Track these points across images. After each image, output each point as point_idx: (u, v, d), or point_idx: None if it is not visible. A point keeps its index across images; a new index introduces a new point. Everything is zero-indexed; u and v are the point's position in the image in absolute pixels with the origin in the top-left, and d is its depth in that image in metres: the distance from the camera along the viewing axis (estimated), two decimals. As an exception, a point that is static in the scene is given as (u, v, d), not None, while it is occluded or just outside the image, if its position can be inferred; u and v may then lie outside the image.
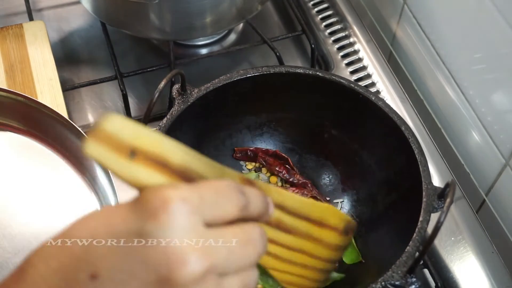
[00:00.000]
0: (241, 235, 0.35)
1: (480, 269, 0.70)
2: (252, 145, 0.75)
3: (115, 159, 0.33)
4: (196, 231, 0.33)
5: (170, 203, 0.32)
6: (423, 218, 0.57)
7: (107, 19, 0.84)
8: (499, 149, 0.74)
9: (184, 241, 0.32)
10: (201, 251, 0.32)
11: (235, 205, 0.35)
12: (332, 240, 0.46)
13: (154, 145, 0.33)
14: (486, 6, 0.69)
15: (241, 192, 0.35)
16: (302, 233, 0.43)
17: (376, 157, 0.69)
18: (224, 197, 0.34)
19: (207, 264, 0.32)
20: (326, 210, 0.45)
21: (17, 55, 0.80)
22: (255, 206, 0.36)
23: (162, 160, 0.34)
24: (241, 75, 0.68)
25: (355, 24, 0.94)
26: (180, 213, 0.32)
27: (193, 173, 0.35)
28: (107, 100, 0.85)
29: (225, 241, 0.34)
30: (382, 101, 0.67)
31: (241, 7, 0.82)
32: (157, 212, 0.32)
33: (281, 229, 0.41)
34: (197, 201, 0.33)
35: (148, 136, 0.33)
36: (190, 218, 0.32)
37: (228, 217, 0.34)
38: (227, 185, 0.35)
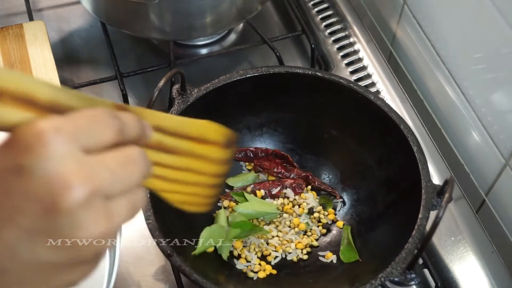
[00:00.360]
0: (121, 156, 0.35)
1: (480, 269, 0.70)
2: (252, 145, 0.75)
3: None
4: (75, 158, 0.32)
5: (44, 134, 0.32)
6: (422, 215, 0.58)
7: (107, 19, 0.84)
8: (499, 149, 0.74)
9: (63, 168, 0.32)
10: (83, 175, 0.32)
11: (111, 129, 0.34)
12: (215, 155, 0.46)
13: (18, 84, 0.33)
14: (486, 6, 0.69)
15: (115, 117, 0.35)
16: (185, 152, 0.43)
17: (376, 157, 0.69)
18: (99, 122, 0.34)
19: (90, 187, 0.32)
20: (205, 126, 0.45)
21: (17, 55, 0.80)
22: (131, 129, 0.36)
23: (29, 98, 0.33)
24: (241, 75, 0.68)
25: (355, 24, 0.94)
26: (55, 142, 0.32)
27: (62, 107, 0.34)
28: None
29: (106, 164, 0.34)
30: (381, 101, 0.67)
31: (241, 7, 0.82)
32: (32, 145, 0.32)
33: (164, 150, 0.41)
34: (71, 129, 0.33)
35: (10, 76, 0.33)
36: (67, 145, 0.32)
37: (105, 142, 0.34)
38: (100, 112, 0.35)
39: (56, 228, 0.33)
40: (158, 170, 0.41)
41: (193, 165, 0.45)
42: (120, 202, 0.35)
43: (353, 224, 0.69)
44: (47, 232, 0.33)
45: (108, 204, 0.34)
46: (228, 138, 0.47)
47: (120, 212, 0.35)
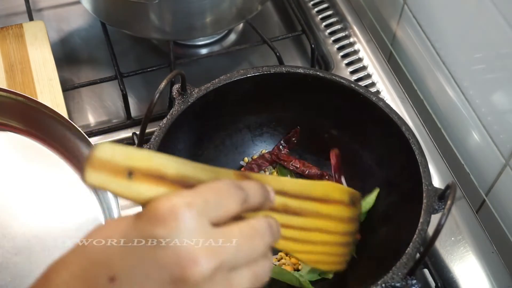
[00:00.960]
0: (247, 229, 0.37)
1: (480, 269, 0.70)
2: (252, 145, 0.75)
3: (115, 182, 0.35)
4: (203, 232, 0.35)
5: (177, 209, 0.34)
6: (423, 220, 0.57)
7: (107, 19, 0.84)
8: (499, 149, 0.74)
9: (193, 242, 0.34)
10: (210, 250, 0.34)
11: (236, 200, 0.37)
12: (341, 214, 0.48)
13: (148, 161, 0.36)
14: (486, 6, 0.69)
15: (239, 187, 0.37)
16: (311, 213, 0.45)
17: (376, 157, 0.69)
18: (225, 195, 0.36)
19: (216, 262, 0.34)
20: (327, 187, 0.47)
21: (17, 55, 0.80)
22: (255, 197, 0.38)
23: (158, 174, 0.36)
24: (241, 75, 0.68)
25: (355, 24, 0.94)
26: (187, 216, 0.34)
27: (189, 180, 0.37)
28: (107, 100, 0.85)
29: (232, 237, 0.36)
30: (382, 101, 0.66)
31: (241, 7, 0.82)
32: (165, 218, 0.34)
33: (290, 213, 0.43)
34: (201, 204, 0.35)
35: (140, 155, 0.36)
36: (197, 220, 0.35)
37: (231, 213, 0.37)
38: (225, 183, 0.37)
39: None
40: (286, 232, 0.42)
41: (320, 225, 0.46)
42: (243, 273, 0.37)
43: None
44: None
45: (231, 276, 0.36)
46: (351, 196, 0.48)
47: (242, 283, 0.37)
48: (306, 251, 0.46)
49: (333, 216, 0.47)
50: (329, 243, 0.48)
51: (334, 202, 0.47)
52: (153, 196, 0.36)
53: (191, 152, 0.70)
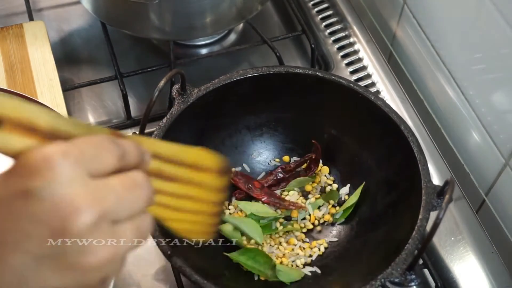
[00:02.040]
0: (126, 180, 0.35)
1: (480, 269, 0.70)
2: (251, 145, 0.74)
3: None
4: (82, 182, 0.33)
5: (52, 158, 0.32)
6: (422, 216, 0.57)
7: (107, 19, 0.84)
8: (499, 149, 0.74)
9: (72, 192, 0.32)
10: (90, 199, 0.32)
11: (114, 155, 0.35)
12: (212, 182, 0.47)
13: (19, 111, 0.33)
14: (486, 6, 0.69)
15: (116, 143, 0.36)
16: (183, 179, 0.44)
17: (376, 157, 0.69)
18: (102, 148, 0.35)
19: (98, 211, 0.33)
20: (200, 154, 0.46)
21: (17, 55, 0.80)
22: (132, 155, 0.37)
23: (30, 125, 0.34)
24: (241, 75, 0.68)
25: (355, 24, 0.94)
26: (63, 166, 0.32)
27: (62, 133, 0.35)
28: (107, 100, 0.85)
29: (112, 187, 0.34)
30: (381, 101, 0.67)
31: (241, 7, 0.82)
32: (40, 168, 0.32)
33: (163, 178, 0.42)
34: (78, 154, 0.33)
35: (11, 103, 0.33)
36: (74, 170, 0.33)
37: (109, 167, 0.35)
38: (103, 138, 0.35)
39: (64, 253, 0.33)
40: (160, 197, 0.41)
41: (192, 193, 0.46)
42: (126, 225, 0.35)
43: (353, 224, 0.69)
44: (55, 257, 0.33)
45: (115, 229, 0.34)
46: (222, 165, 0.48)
47: (126, 236, 0.35)
48: (177, 219, 0.45)
49: (204, 184, 0.47)
50: (199, 212, 0.48)
51: (206, 170, 0.46)
52: (24, 147, 0.33)
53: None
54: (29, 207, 0.32)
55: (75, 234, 0.32)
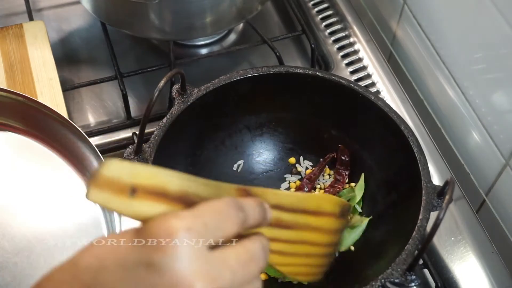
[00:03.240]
0: (243, 254, 0.37)
1: (480, 269, 0.70)
2: (252, 145, 0.75)
3: (117, 200, 0.35)
4: (201, 258, 0.34)
5: (175, 233, 0.34)
6: (422, 216, 0.57)
7: (107, 19, 0.84)
8: (499, 149, 0.74)
9: (190, 268, 0.34)
10: (207, 277, 0.34)
11: (235, 222, 0.36)
12: (330, 226, 0.48)
13: (151, 178, 0.35)
14: (486, 6, 0.69)
15: (238, 208, 0.37)
16: (301, 226, 0.44)
17: (376, 157, 0.69)
18: (224, 217, 0.36)
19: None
20: (322, 200, 0.46)
21: (17, 55, 0.80)
22: (254, 217, 0.38)
23: (161, 191, 0.35)
24: (241, 75, 0.68)
25: (355, 24, 0.94)
26: (185, 242, 0.34)
27: (191, 196, 0.36)
28: (107, 100, 0.85)
29: (229, 263, 0.35)
30: (381, 101, 0.67)
31: (241, 7, 0.82)
32: (163, 242, 0.34)
33: (281, 227, 0.42)
34: (200, 228, 0.35)
35: (144, 172, 0.35)
36: (195, 246, 0.34)
37: (230, 235, 0.36)
38: (225, 204, 0.36)
39: None
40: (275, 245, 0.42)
41: (308, 237, 0.46)
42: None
43: (353, 224, 0.69)
44: None
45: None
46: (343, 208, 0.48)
47: None
48: (289, 263, 0.45)
49: (322, 229, 0.47)
50: (312, 254, 0.48)
51: (325, 214, 0.47)
52: (154, 214, 0.35)
53: (190, 152, 0.70)
54: (150, 278, 0.34)
55: None
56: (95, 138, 0.79)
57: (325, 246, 0.49)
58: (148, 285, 0.34)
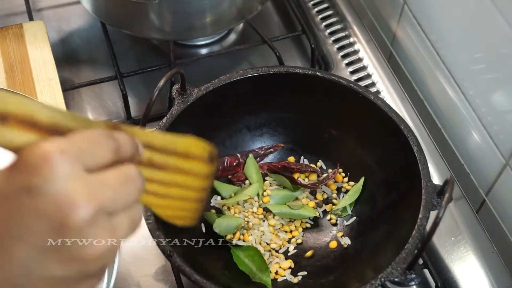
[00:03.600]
0: (120, 174, 0.37)
1: (480, 269, 0.70)
2: (251, 145, 0.75)
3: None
4: (79, 177, 0.34)
5: (50, 156, 0.34)
6: (422, 216, 0.58)
7: (107, 19, 0.84)
8: (499, 149, 0.74)
9: (70, 187, 0.34)
10: (88, 194, 0.34)
11: (109, 150, 0.37)
12: (200, 170, 0.48)
13: (20, 107, 0.35)
14: (486, 6, 0.69)
15: (111, 137, 0.37)
16: (173, 168, 0.45)
17: (376, 157, 0.69)
18: (98, 143, 0.36)
19: (96, 205, 0.34)
20: (190, 142, 0.47)
21: (17, 55, 0.80)
22: (126, 148, 0.38)
23: (31, 120, 0.35)
24: (241, 75, 0.68)
25: (355, 24, 0.94)
26: (61, 163, 0.34)
27: (62, 128, 0.36)
28: (107, 100, 0.85)
29: (107, 182, 0.36)
30: (381, 101, 0.67)
31: (241, 7, 0.82)
32: (39, 166, 0.34)
33: (154, 167, 0.43)
34: (74, 150, 0.35)
35: (14, 99, 0.35)
36: (72, 166, 0.34)
37: (105, 161, 0.37)
38: (98, 133, 0.37)
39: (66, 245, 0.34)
40: (149, 185, 0.43)
41: (180, 180, 0.47)
42: (121, 218, 0.37)
43: (353, 224, 0.69)
44: (58, 249, 0.35)
45: (111, 220, 0.36)
46: (210, 153, 0.49)
47: (122, 227, 0.37)
48: (165, 205, 0.47)
49: (193, 172, 0.48)
50: (186, 198, 0.49)
51: (194, 158, 0.47)
52: (25, 142, 0.35)
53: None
54: (31, 203, 0.34)
55: (74, 227, 0.34)
56: (95, 138, 0.79)
57: (197, 191, 0.50)
58: (30, 210, 0.34)
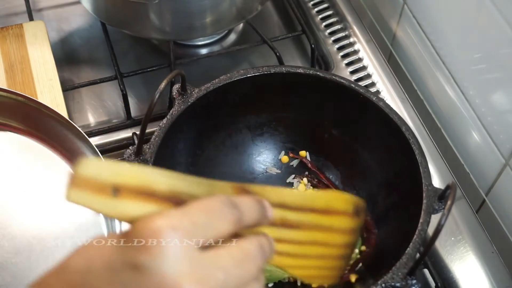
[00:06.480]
0: (237, 253, 0.35)
1: (480, 269, 0.70)
2: (252, 145, 0.75)
3: (98, 200, 0.33)
4: (190, 259, 0.33)
5: (161, 233, 0.32)
6: (423, 220, 0.57)
7: (107, 19, 0.84)
8: (499, 149, 0.74)
9: (177, 270, 0.32)
10: (196, 278, 0.32)
11: (229, 221, 0.34)
12: (344, 225, 0.45)
13: (136, 178, 0.33)
14: (486, 6, 0.69)
15: (233, 205, 0.35)
16: (310, 226, 0.42)
17: (377, 158, 0.69)
18: (216, 215, 0.34)
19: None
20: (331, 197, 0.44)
21: (17, 55, 0.80)
22: (251, 215, 0.36)
23: (148, 190, 0.34)
24: (241, 75, 0.68)
25: (355, 24, 0.94)
26: (172, 241, 0.32)
27: (182, 195, 0.35)
28: (107, 100, 0.85)
29: (220, 263, 0.34)
30: (382, 102, 0.67)
31: (241, 7, 0.82)
32: (149, 243, 0.32)
33: (288, 227, 0.40)
34: (188, 226, 0.33)
35: (128, 171, 0.33)
36: (183, 245, 0.32)
37: (223, 235, 0.34)
38: (218, 201, 0.34)
39: None
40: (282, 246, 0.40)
41: (320, 238, 0.43)
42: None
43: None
44: None
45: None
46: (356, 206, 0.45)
47: None
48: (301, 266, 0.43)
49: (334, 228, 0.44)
50: (326, 256, 0.45)
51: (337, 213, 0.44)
52: (140, 215, 0.33)
53: (191, 152, 0.70)
54: (136, 280, 0.33)
55: None
56: (95, 138, 0.79)
57: (340, 247, 0.46)
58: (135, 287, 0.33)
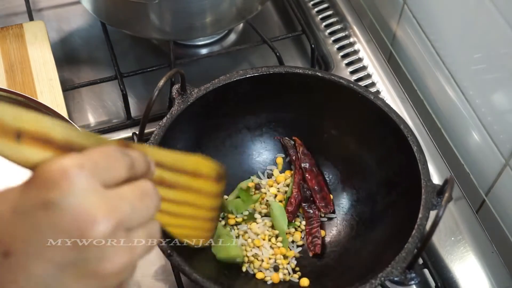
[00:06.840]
0: (137, 189, 0.37)
1: (480, 269, 0.70)
2: (251, 145, 0.75)
3: (3, 144, 0.34)
4: (97, 192, 0.34)
5: (69, 170, 0.34)
6: (422, 215, 0.58)
7: (107, 19, 0.84)
8: (499, 149, 0.74)
9: (88, 202, 0.34)
10: (107, 209, 0.34)
11: (124, 165, 0.37)
12: (209, 189, 0.49)
13: (35, 124, 0.35)
14: (486, 6, 0.69)
15: (125, 154, 0.37)
16: (183, 186, 0.46)
17: (376, 157, 0.69)
18: (113, 159, 0.36)
19: (114, 220, 0.34)
20: (198, 161, 0.48)
21: (17, 55, 0.80)
22: (140, 165, 0.38)
23: (46, 137, 0.35)
24: (241, 75, 0.68)
25: (355, 24, 0.94)
26: (79, 178, 0.34)
27: (75, 145, 0.37)
28: (107, 100, 0.85)
29: (125, 197, 0.36)
30: (381, 101, 0.67)
31: (241, 7, 0.82)
32: (58, 181, 0.33)
33: (165, 185, 0.44)
34: (92, 166, 0.35)
35: (29, 117, 0.35)
36: (90, 181, 0.34)
37: (120, 177, 0.37)
38: (113, 149, 0.37)
39: (84, 260, 0.34)
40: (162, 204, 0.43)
41: (191, 199, 0.47)
42: (139, 233, 0.37)
43: (353, 224, 0.69)
44: (76, 265, 0.34)
45: (130, 236, 0.36)
46: (218, 172, 0.50)
47: (140, 243, 0.37)
48: (178, 224, 0.47)
49: (202, 191, 0.48)
50: (197, 217, 0.50)
51: (203, 177, 0.48)
52: (41, 159, 0.35)
53: (190, 151, 0.70)
54: (49, 218, 0.33)
55: (93, 244, 0.34)
56: (95, 138, 0.79)
57: (209, 210, 0.51)
58: (48, 226, 0.33)
